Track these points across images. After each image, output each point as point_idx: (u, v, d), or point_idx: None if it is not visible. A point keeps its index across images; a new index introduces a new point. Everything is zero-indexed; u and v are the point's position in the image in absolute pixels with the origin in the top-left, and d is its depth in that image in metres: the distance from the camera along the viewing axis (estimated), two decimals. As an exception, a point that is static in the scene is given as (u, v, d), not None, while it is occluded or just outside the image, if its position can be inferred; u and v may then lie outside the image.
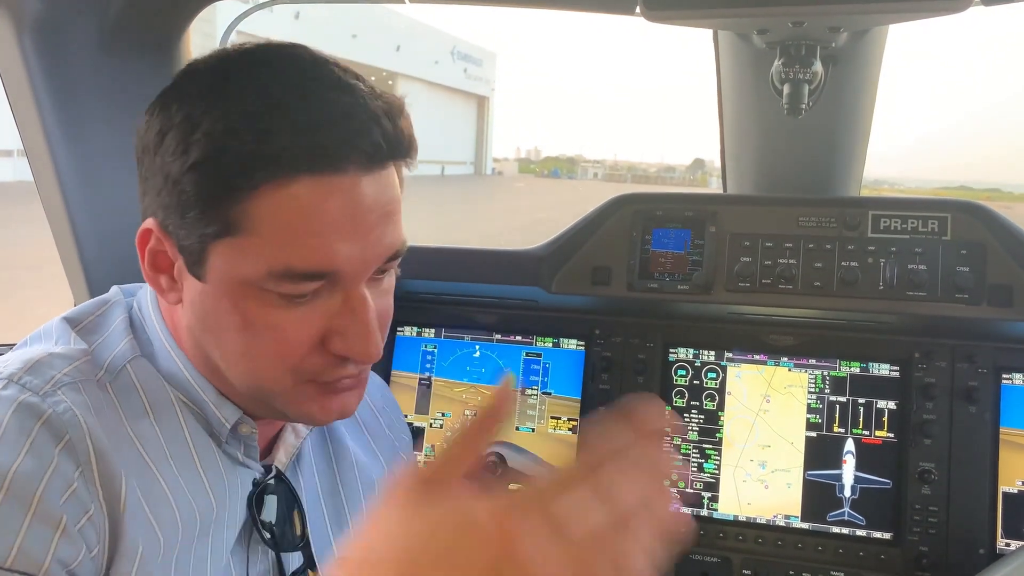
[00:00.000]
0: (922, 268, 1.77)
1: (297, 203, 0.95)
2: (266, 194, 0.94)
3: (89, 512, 0.94)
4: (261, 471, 1.16)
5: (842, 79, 1.78)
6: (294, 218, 0.95)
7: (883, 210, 1.81)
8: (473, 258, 2.06)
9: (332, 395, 1.07)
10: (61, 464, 0.93)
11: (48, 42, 1.37)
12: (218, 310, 1.01)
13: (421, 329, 2.21)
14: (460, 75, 55.81)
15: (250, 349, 1.01)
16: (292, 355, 1.01)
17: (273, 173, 0.94)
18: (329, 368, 1.04)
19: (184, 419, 1.08)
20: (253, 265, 0.96)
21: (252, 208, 0.95)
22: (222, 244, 0.97)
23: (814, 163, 2.07)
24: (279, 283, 0.97)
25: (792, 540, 1.88)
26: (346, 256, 0.98)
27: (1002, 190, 54.13)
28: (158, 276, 1.05)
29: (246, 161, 0.93)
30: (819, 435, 1.93)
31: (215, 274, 0.99)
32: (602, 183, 66.43)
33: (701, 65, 2.19)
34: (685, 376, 2.02)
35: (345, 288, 1.00)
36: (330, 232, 0.96)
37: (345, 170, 0.96)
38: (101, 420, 0.99)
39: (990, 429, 1.82)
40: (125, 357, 1.07)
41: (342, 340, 1.01)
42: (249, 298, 0.99)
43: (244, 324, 1.00)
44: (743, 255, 1.86)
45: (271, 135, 0.93)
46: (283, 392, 1.05)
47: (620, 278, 1.93)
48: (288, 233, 0.95)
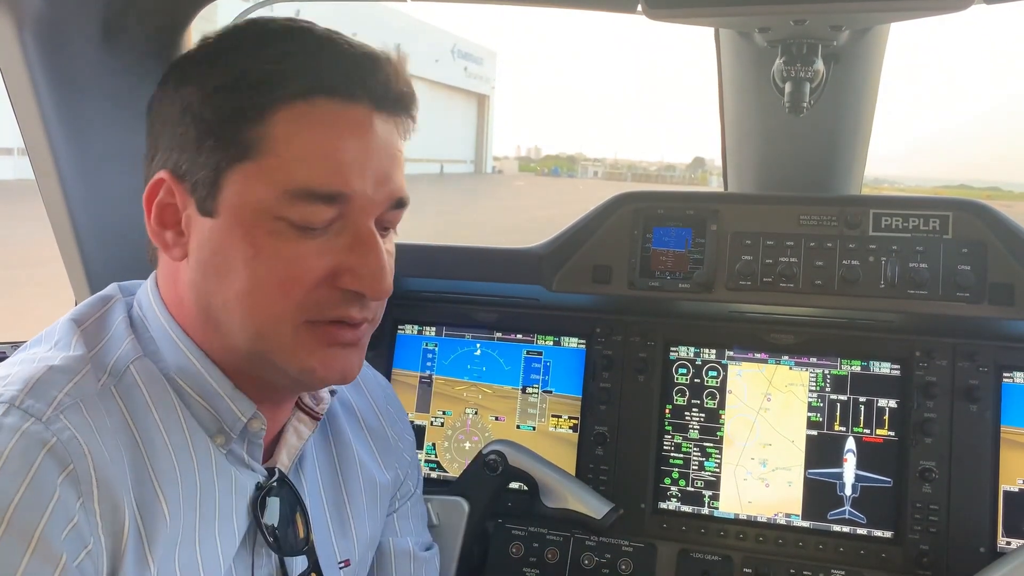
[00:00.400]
0: (923, 267, 1.77)
1: (314, 125, 1.01)
2: (283, 115, 1.00)
3: (88, 547, 0.93)
4: (264, 474, 1.16)
5: (843, 77, 1.78)
6: (311, 139, 1.00)
7: (884, 209, 1.81)
8: (474, 256, 2.06)
9: (332, 349, 1.07)
10: (63, 496, 0.92)
11: (49, 40, 1.37)
12: (228, 244, 1.02)
13: (422, 327, 2.21)
14: (460, 73, 55.76)
15: (257, 283, 1.02)
16: (299, 287, 1.02)
17: (291, 93, 1.00)
18: (335, 304, 1.05)
19: (185, 421, 1.07)
20: (269, 187, 1.00)
21: (269, 129, 1.00)
22: (238, 170, 1.00)
23: (815, 162, 2.07)
24: (294, 204, 0.99)
25: (793, 538, 1.88)
26: (359, 184, 1.02)
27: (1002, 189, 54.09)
28: (164, 231, 1.07)
29: (265, 80, 1.00)
30: (820, 433, 1.93)
31: (228, 204, 1.01)
32: (602, 181, 66.40)
33: (702, 63, 2.19)
34: (686, 374, 2.02)
35: (355, 226, 1.04)
36: (345, 157, 1.01)
37: (359, 100, 1.03)
38: (104, 439, 0.98)
39: (991, 428, 1.82)
40: (128, 358, 1.07)
41: (353, 275, 1.03)
42: (261, 227, 1.01)
43: (254, 254, 1.01)
44: (744, 253, 1.86)
45: (289, 56, 1.01)
46: (285, 337, 1.04)
47: (621, 276, 1.93)
48: (305, 153, 1.00)
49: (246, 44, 1.04)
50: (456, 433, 2.15)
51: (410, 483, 1.54)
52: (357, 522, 1.34)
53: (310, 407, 1.26)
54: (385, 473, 1.43)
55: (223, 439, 1.10)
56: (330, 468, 1.33)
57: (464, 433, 2.15)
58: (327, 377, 1.09)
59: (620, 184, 56.60)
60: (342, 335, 1.08)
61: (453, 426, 2.16)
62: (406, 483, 1.52)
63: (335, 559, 1.28)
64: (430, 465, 2.15)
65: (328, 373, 1.09)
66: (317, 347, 1.06)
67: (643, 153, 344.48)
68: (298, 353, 1.06)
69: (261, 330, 1.04)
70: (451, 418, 2.16)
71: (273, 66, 1.01)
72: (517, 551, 1.98)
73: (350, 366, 1.11)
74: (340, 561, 1.29)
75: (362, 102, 1.04)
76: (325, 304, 1.05)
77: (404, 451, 1.52)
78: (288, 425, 1.24)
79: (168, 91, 1.07)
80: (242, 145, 1.00)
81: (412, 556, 1.49)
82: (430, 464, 2.15)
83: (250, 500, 1.12)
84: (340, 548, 1.30)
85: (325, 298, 1.04)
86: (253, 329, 1.04)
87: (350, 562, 1.32)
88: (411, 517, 1.54)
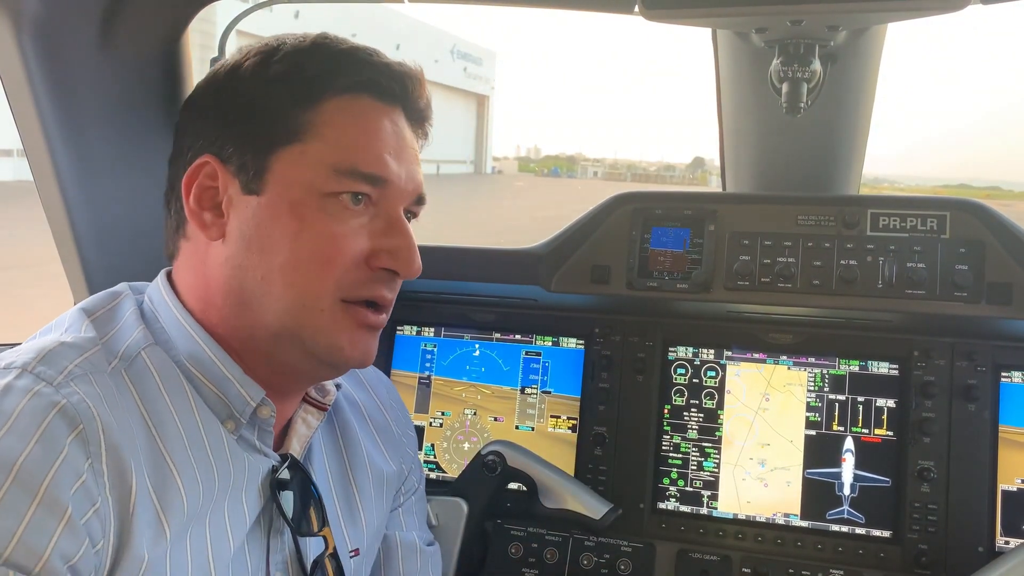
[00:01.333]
0: (921, 266, 1.77)
1: (359, 116, 1.14)
2: (332, 104, 1.13)
3: (96, 505, 0.95)
4: (278, 459, 1.19)
5: (841, 77, 1.78)
6: (357, 128, 1.13)
7: (882, 208, 1.81)
8: (472, 257, 2.06)
9: (360, 331, 1.16)
10: (72, 454, 0.94)
11: (47, 42, 1.37)
12: (273, 220, 1.11)
13: (421, 328, 2.21)
14: (460, 74, 55.76)
15: (299, 256, 1.10)
16: (338, 263, 1.12)
17: (342, 87, 1.14)
18: (369, 283, 1.15)
19: (196, 406, 1.10)
20: (317, 166, 1.11)
21: (319, 117, 1.12)
22: (287, 152, 1.12)
23: (813, 162, 2.07)
24: (340, 182, 1.11)
25: (792, 538, 1.89)
26: (396, 172, 1.15)
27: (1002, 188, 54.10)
28: (203, 212, 1.15)
29: (319, 74, 1.13)
30: (818, 433, 1.93)
31: (276, 182, 1.11)
32: (602, 182, 66.39)
33: (701, 63, 2.19)
34: (684, 374, 2.02)
35: (389, 211, 1.16)
36: (385, 146, 1.15)
37: (395, 104, 1.18)
38: (114, 412, 1.00)
39: (989, 427, 1.82)
40: (140, 344, 1.11)
41: (389, 255, 1.15)
42: (307, 204, 1.11)
43: (299, 230, 1.10)
44: (742, 254, 1.86)
45: (341, 56, 1.15)
46: (321, 312, 1.12)
47: (619, 277, 1.93)
48: (351, 138, 1.12)
49: (299, 45, 1.17)
50: (455, 434, 2.16)
51: (414, 478, 1.57)
52: (366, 511, 1.38)
53: (317, 399, 1.31)
54: (391, 464, 1.47)
55: (233, 424, 1.14)
56: (337, 459, 1.37)
57: (463, 434, 2.15)
58: (352, 357, 1.17)
59: (620, 184, 56.57)
60: (371, 317, 1.17)
61: (452, 427, 2.16)
62: (410, 478, 1.55)
63: (346, 547, 1.32)
64: (429, 466, 2.15)
65: (353, 353, 1.17)
66: (347, 326, 1.15)
67: (643, 153, 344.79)
68: (330, 330, 1.14)
69: (299, 303, 1.12)
70: (450, 419, 2.16)
71: (327, 62, 1.15)
72: (516, 551, 1.99)
73: (371, 350, 1.20)
74: (351, 550, 1.33)
75: (396, 106, 1.19)
76: (360, 283, 1.14)
77: (408, 446, 1.56)
78: (296, 416, 1.29)
79: (214, 87, 1.18)
80: (292, 129, 1.12)
81: (419, 550, 1.52)
82: (429, 465, 2.15)
83: (262, 482, 1.15)
84: (350, 536, 1.34)
85: (360, 277, 1.14)
86: (291, 302, 1.11)
87: (359, 551, 1.36)
88: (415, 513, 1.57)
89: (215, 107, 1.16)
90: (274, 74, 1.14)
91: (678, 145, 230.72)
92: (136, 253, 1.26)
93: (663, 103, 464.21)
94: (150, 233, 1.62)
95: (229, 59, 1.20)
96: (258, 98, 1.13)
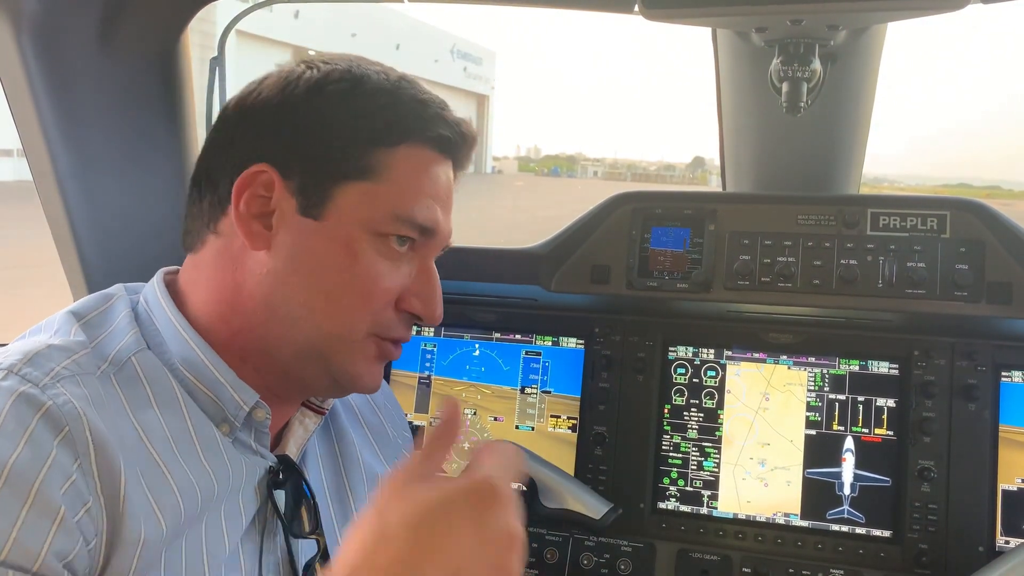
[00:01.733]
0: (921, 266, 1.77)
1: (427, 167, 1.17)
2: (406, 151, 1.15)
3: (87, 504, 0.95)
4: (274, 460, 1.18)
5: (841, 77, 1.78)
6: (422, 178, 1.16)
7: (882, 208, 1.81)
8: (472, 256, 2.06)
9: (379, 362, 1.19)
10: (60, 456, 0.93)
11: (46, 42, 1.37)
12: (327, 247, 1.11)
13: (420, 328, 2.21)
14: (460, 74, 55.78)
15: (345, 289, 1.12)
16: (378, 302, 1.14)
17: (418, 138, 1.16)
18: (396, 324, 1.17)
19: (188, 410, 1.09)
20: (380, 207, 1.12)
21: (391, 160, 1.14)
22: (353, 186, 1.12)
23: (813, 161, 2.07)
24: (396, 226, 1.13)
25: (792, 538, 1.89)
26: (443, 225, 1.19)
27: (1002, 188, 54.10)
28: (252, 221, 1.13)
29: (403, 120, 1.15)
30: (818, 433, 1.93)
31: (337, 213, 1.12)
32: (602, 181, 66.39)
33: (702, 62, 2.19)
34: (684, 374, 2.02)
35: (424, 258, 1.19)
36: (438, 200, 1.18)
37: (449, 159, 1.22)
38: (102, 413, 1.00)
39: (989, 427, 1.82)
40: (131, 349, 1.09)
41: (418, 300, 1.17)
42: (362, 240, 1.12)
43: (350, 263, 1.11)
44: (742, 253, 1.86)
45: (424, 108, 1.17)
46: (352, 342, 1.14)
47: (619, 276, 1.93)
48: (415, 187, 1.15)
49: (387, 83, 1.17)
50: (455, 433, 2.15)
51: None
52: (359, 513, 1.36)
53: (315, 403, 1.30)
54: (385, 466, 1.46)
55: (228, 428, 1.13)
56: (332, 461, 1.36)
57: (463, 434, 2.15)
58: (367, 385, 1.20)
59: (620, 184, 56.52)
60: (389, 351, 1.20)
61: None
62: None
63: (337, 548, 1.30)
64: (429, 465, 2.15)
65: (369, 382, 1.20)
66: (370, 358, 1.17)
67: (643, 153, 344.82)
68: (356, 360, 1.16)
69: (335, 332, 1.13)
70: (450, 418, 2.16)
71: (412, 110, 1.16)
72: (516, 551, 1.98)
73: (380, 379, 1.23)
74: None
75: (450, 160, 1.22)
76: (390, 322, 1.17)
77: (402, 447, 1.55)
78: (294, 419, 1.28)
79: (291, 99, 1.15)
80: (365, 167, 1.12)
81: None
82: (429, 464, 2.15)
83: (258, 483, 1.15)
84: (342, 537, 1.31)
85: (390, 317, 1.16)
86: (328, 330, 1.13)
87: None
88: None
89: (288, 121, 1.14)
90: (360, 108, 1.14)
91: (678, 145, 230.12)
92: (136, 253, 1.26)
93: (663, 102, 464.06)
94: (150, 233, 1.62)
95: (304, 72, 1.18)
96: (339, 127, 1.13)
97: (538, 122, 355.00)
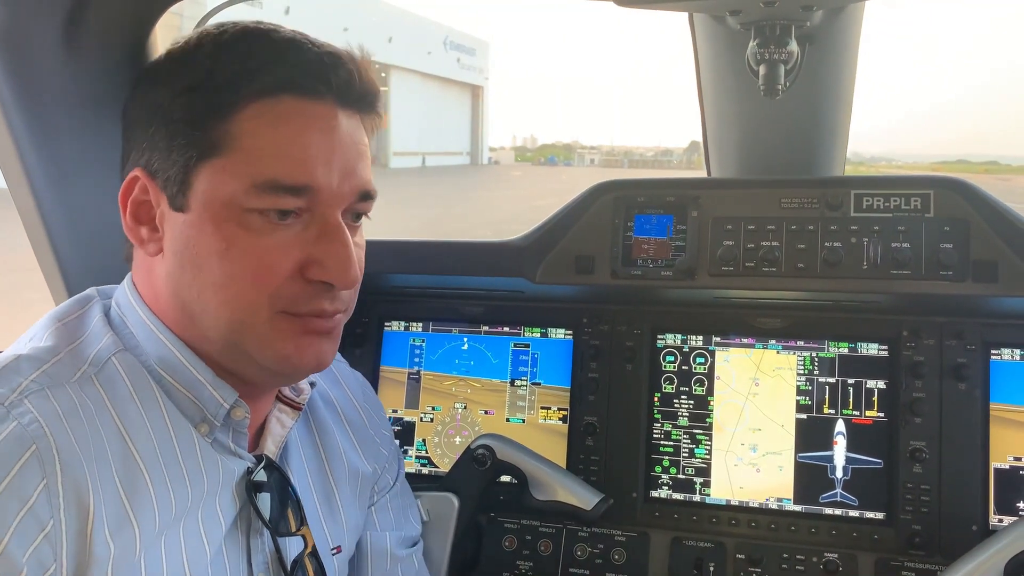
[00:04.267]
0: (905, 246, 1.75)
1: (279, 120, 1.05)
2: (250, 111, 1.05)
3: (46, 529, 0.93)
4: (253, 461, 1.18)
5: (820, 58, 1.76)
6: (277, 134, 1.05)
7: (865, 189, 1.80)
8: (455, 251, 2.04)
9: (307, 336, 1.10)
10: (20, 479, 0.93)
11: (11, 46, 1.34)
12: (200, 238, 1.06)
13: (409, 323, 2.20)
14: (453, 65, 55.60)
15: (230, 276, 1.05)
16: (271, 281, 1.06)
17: (257, 91, 1.05)
18: (305, 297, 1.08)
19: (166, 410, 1.09)
20: (237, 181, 1.04)
21: (236, 126, 1.04)
22: (207, 166, 1.05)
23: (797, 144, 2.05)
24: (261, 197, 1.03)
25: (785, 523, 1.88)
26: (325, 178, 1.06)
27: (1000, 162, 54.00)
28: (139, 227, 1.11)
29: (231, 79, 1.04)
30: (809, 417, 1.92)
31: (199, 199, 1.05)
32: (599, 169, 66.26)
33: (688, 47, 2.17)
34: (674, 362, 2.01)
35: (322, 218, 1.08)
36: (310, 151, 1.05)
37: (323, 97, 1.08)
38: (74, 424, 0.99)
39: (980, 406, 1.81)
40: (110, 350, 1.09)
41: (320, 267, 1.07)
42: (231, 221, 1.04)
43: (226, 248, 1.04)
44: (726, 239, 1.85)
45: (254, 56, 1.05)
46: (260, 325, 1.07)
47: (604, 266, 1.92)
48: (271, 147, 1.04)
49: (212, 46, 1.08)
50: (446, 428, 2.15)
51: (388, 477, 1.56)
52: (346, 508, 1.38)
53: (291, 399, 1.30)
54: (366, 464, 1.47)
55: (207, 428, 1.12)
56: (316, 457, 1.36)
57: (454, 428, 2.14)
58: (302, 364, 1.12)
59: (617, 171, 56.46)
60: (315, 324, 1.11)
61: (443, 421, 2.15)
62: (384, 477, 1.55)
63: (328, 544, 1.31)
64: (421, 461, 2.15)
65: (303, 360, 1.12)
66: (292, 335, 1.10)
67: (640, 139, 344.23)
68: (273, 342, 1.09)
69: (236, 320, 1.07)
70: (440, 413, 2.15)
71: (239, 65, 1.05)
72: (510, 544, 1.98)
73: (323, 353, 1.14)
74: (333, 547, 1.33)
75: (326, 99, 1.08)
76: (298, 298, 1.08)
77: (382, 445, 1.55)
78: (271, 416, 1.27)
79: (139, 94, 1.12)
80: (210, 142, 1.04)
81: (389, 554, 1.51)
82: (421, 460, 2.15)
83: (237, 484, 1.14)
84: (332, 534, 1.33)
85: (298, 292, 1.08)
86: (228, 319, 1.07)
87: (341, 548, 1.35)
88: (390, 510, 1.56)
89: (142, 117, 1.11)
90: (185, 83, 1.06)
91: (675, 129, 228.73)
92: (114, 254, 1.25)
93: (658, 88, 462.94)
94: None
95: (150, 62, 1.16)
96: (174, 108, 1.06)
97: (534, 111, 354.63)
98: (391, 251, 2.05)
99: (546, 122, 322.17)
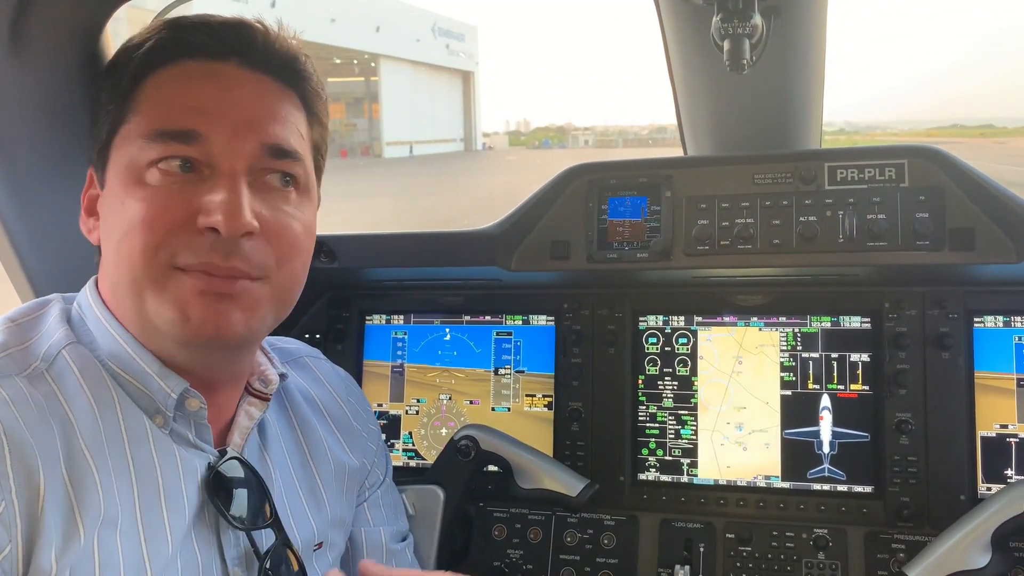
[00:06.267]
0: (881, 217, 1.73)
1: (175, 81, 1.10)
2: (152, 80, 1.11)
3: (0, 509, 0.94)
4: (215, 455, 1.17)
5: (787, 31, 1.73)
6: (170, 92, 1.10)
7: (839, 161, 1.77)
8: (428, 242, 2.02)
9: (203, 297, 1.06)
10: None
11: None
12: (111, 205, 1.10)
13: (390, 316, 2.19)
14: (443, 51, 55.42)
15: (124, 231, 1.06)
16: (157, 227, 1.05)
17: (160, 61, 1.11)
18: (193, 248, 1.05)
19: (120, 403, 1.09)
20: (134, 140, 1.08)
21: (141, 94, 1.10)
22: (119, 136, 1.11)
23: (770, 118, 2.02)
24: (152, 145, 1.06)
25: (774, 500, 1.87)
26: (214, 125, 1.08)
27: (995, 125, 53.85)
28: (88, 219, 1.17)
29: (140, 57, 1.11)
30: (794, 393, 1.91)
31: (112, 171, 1.11)
32: (594, 150, 66.11)
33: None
34: (656, 343, 2.00)
35: (217, 170, 1.08)
36: (199, 99, 1.09)
37: (225, 59, 1.13)
38: (23, 412, 1.00)
39: (964, 374, 1.80)
40: (60, 344, 1.10)
41: (206, 214, 1.05)
42: (131, 179, 1.08)
43: (124, 207, 1.07)
44: (700, 218, 1.83)
45: (160, 32, 1.12)
46: (153, 282, 1.06)
47: (580, 250, 1.90)
48: (163, 103, 1.09)
49: (131, 37, 1.15)
50: (432, 420, 2.14)
51: (378, 472, 1.56)
52: (330, 499, 1.37)
53: (260, 391, 1.29)
54: (352, 458, 1.46)
55: (162, 419, 1.12)
56: (299, 452, 1.36)
57: (440, 419, 2.13)
58: (203, 329, 1.07)
59: (612, 151, 56.26)
60: (212, 284, 1.07)
61: (428, 413, 2.14)
62: (374, 472, 1.55)
63: (313, 537, 1.31)
64: (408, 454, 2.14)
65: (203, 324, 1.07)
66: (179, 295, 1.06)
67: (633, 117, 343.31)
68: (164, 302, 1.06)
69: (129, 276, 1.07)
70: (425, 405, 2.14)
71: (147, 44, 1.12)
72: (500, 533, 1.98)
73: (223, 319, 1.08)
74: (316, 542, 1.32)
75: (229, 60, 1.13)
76: (189, 248, 1.06)
77: (369, 440, 1.54)
78: (240, 408, 1.27)
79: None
80: (123, 112, 1.11)
81: (384, 549, 1.52)
82: (408, 453, 2.14)
83: (201, 479, 1.13)
84: (316, 523, 1.32)
85: (189, 242, 1.06)
86: (128, 278, 1.07)
87: (323, 544, 1.35)
88: (382, 506, 1.57)
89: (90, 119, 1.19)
90: (107, 72, 1.16)
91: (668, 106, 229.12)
92: (78, 257, 1.25)
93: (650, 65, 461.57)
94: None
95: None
96: (102, 100, 1.14)
97: (526, 95, 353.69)
98: (365, 245, 2.03)
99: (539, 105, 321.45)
